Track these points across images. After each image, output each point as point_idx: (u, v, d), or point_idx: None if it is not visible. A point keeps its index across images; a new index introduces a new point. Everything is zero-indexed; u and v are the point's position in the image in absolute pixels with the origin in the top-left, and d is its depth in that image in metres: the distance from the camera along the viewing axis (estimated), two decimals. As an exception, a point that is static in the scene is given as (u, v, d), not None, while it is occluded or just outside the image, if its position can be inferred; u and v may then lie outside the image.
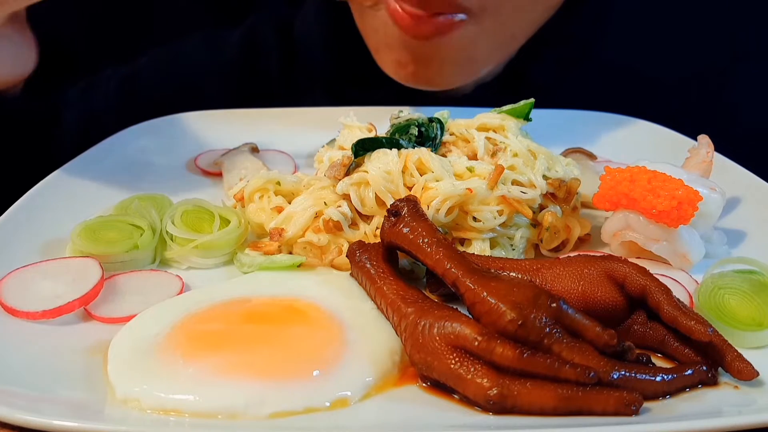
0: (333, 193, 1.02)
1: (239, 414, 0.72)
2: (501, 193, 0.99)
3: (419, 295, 0.84)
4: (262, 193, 1.08)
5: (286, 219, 1.02)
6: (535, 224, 1.02)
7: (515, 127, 1.09)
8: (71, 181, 1.15)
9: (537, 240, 1.02)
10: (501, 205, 0.99)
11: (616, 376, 0.73)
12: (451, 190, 0.97)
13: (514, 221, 1.01)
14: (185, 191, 1.16)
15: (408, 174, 1.00)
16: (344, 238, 0.99)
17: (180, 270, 0.99)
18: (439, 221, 0.97)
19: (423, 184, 0.98)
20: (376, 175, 0.99)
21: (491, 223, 0.98)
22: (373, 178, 0.99)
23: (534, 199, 1.01)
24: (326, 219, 0.99)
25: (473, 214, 0.98)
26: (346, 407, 0.74)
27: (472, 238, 0.99)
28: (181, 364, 0.77)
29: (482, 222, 0.98)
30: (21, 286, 0.89)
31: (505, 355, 0.72)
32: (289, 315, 0.86)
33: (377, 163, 1.00)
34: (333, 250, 0.98)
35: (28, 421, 0.69)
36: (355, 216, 1.01)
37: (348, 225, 1.00)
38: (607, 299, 0.83)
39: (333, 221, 0.99)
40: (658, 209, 0.94)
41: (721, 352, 0.78)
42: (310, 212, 1.01)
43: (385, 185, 0.99)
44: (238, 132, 1.33)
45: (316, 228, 1.00)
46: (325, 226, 0.99)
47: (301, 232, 1.00)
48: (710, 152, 1.11)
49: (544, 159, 1.06)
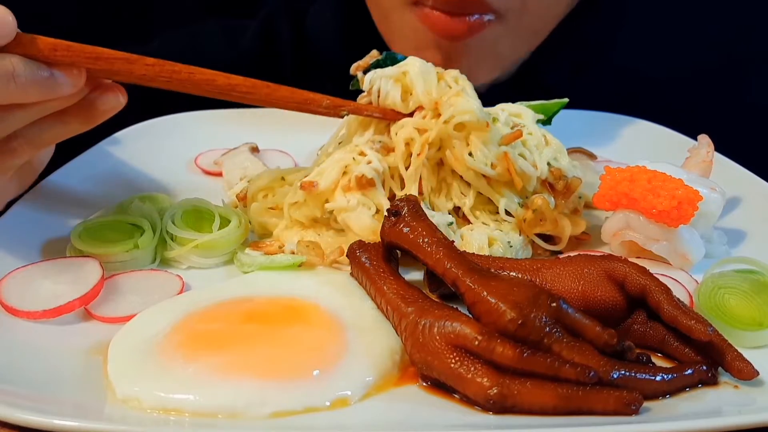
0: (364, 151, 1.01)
1: (239, 413, 0.72)
2: (506, 150, 0.99)
3: (419, 294, 0.84)
4: (267, 192, 1.08)
5: (319, 173, 1.01)
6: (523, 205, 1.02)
7: (532, 117, 1.10)
8: (71, 181, 1.15)
9: (521, 220, 1.01)
10: (500, 161, 0.99)
11: (616, 375, 0.73)
12: (479, 110, 0.98)
13: (500, 189, 1.01)
14: (185, 191, 1.16)
15: (443, 82, 1.00)
16: (375, 200, 0.98)
17: (180, 270, 0.99)
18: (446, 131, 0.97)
19: (457, 90, 0.99)
20: (417, 67, 0.99)
21: (481, 165, 0.98)
22: (412, 68, 0.99)
23: (530, 176, 1.01)
24: (358, 176, 0.98)
25: (472, 149, 0.98)
26: (346, 407, 0.74)
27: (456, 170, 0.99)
28: (182, 364, 0.77)
29: (474, 159, 0.98)
30: (21, 286, 0.89)
31: (506, 355, 0.72)
32: (289, 315, 0.86)
33: (416, 60, 1.01)
34: (334, 250, 0.98)
35: (28, 420, 0.69)
36: (386, 172, 1.00)
37: (381, 181, 0.99)
38: (607, 299, 0.83)
39: (366, 178, 0.98)
40: (658, 209, 0.94)
41: (721, 351, 0.78)
42: (341, 164, 1.00)
43: (424, 76, 0.99)
44: (238, 132, 1.33)
45: (346, 187, 0.98)
46: (357, 183, 0.98)
47: (333, 185, 0.99)
48: (710, 152, 1.11)
49: (554, 149, 1.06)
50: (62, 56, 0.85)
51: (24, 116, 0.86)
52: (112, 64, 0.88)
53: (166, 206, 1.08)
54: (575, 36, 1.41)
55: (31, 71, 0.83)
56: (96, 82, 0.90)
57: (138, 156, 1.27)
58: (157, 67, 0.91)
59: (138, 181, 1.19)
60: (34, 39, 0.84)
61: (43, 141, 0.90)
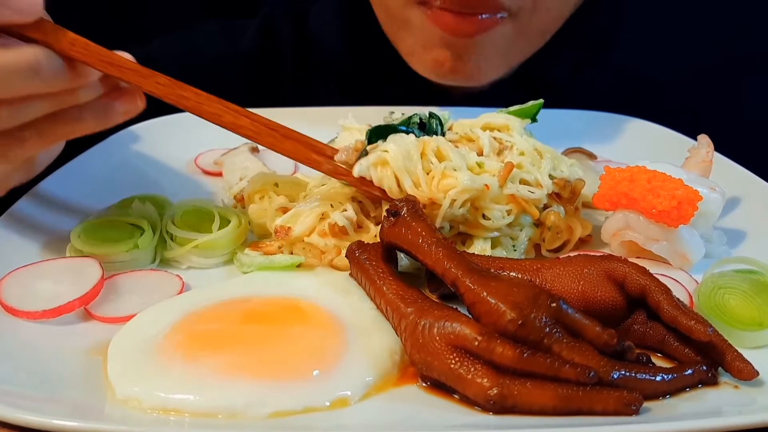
0: (340, 193, 1.01)
1: (239, 413, 0.72)
2: (510, 191, 0.98)
3: (419, 295, 0.84)
4: (263, 194, 1.08)
5: (294, 217, 1.01)
6: (537, 224, 1.02)
7: (520, 126, 1.09)
8: (71, 181, 1.15)
9: (539, 239, 1.02)
10: (510, 204, 0.99)
11: (616, 375, 0.73)
12: (470, 182, 0.95)
13: (519, 221, 1.00)
14: (185, 191, 1.16)
15: (426, 160, 0.98)
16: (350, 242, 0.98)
17: (180, 270, 0.99)
18: (453, 214, 0.96)
19: (441, 170, 0.96)
20: (396, 153, 0.96)
21: (500, 222, 0.98)
22: (393, 157, 0.96)
23: (540, 198, 1.00)
24: (332, 224, 0.98)
25: (484, 212, 0.98)
26: (346, 407, 0.74)
27: (477, 235, 0.98)
28: (181, 364, 0.77)
29: (491, 220, 0.97)
30: (21, 286, 0.89)
31: (505, 355, 0.72)
32: (288, 315, 0.86)
33: (396, 144, 0.98)
34: (333, 250, 0.98)
35: (28, 420, 0.69)
36: (360, 218, 1.00)
37: (353, 229, 0.99)
38: (607, 299, 0.83)
39: (338, 226, 0.98)
40: (658, 209, 0.94)
41: (721, 351, 0.78)
42: (317, 212, 1.00)
43: (405, 165, 0.96)
44: (238, 132, 1.33)
45: (322, 232, 0.99)
46: (330, 231, 0.98)
47: (307, 231, 0.99)
48: (710, 152, 1.11)
49: (550, 158, 1.05)
50: (78, 53, 0.84)
51: (40, 107, 0.85)
52: (124, 74, 0.88)
53: (166, 206, 1.08)
54: (576, 34, 1.41)
55: (55, 65, 0.83)
56: (114, 84, 0.89)
57: (138, 156, 1.28)
58: (167, 89, 0.90)
59: (138, 181, 1.19)
60: (57, 30, 0.84)
61: (55, 135, 0.89)
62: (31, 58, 0.81)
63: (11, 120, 0.84)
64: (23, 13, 0.81)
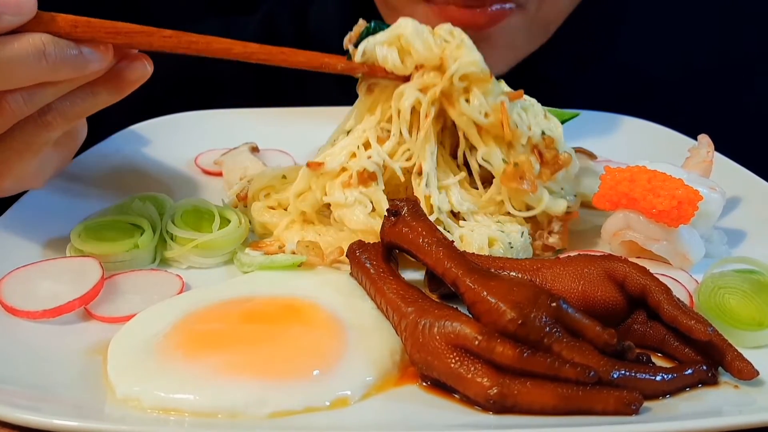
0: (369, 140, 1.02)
1: (239, 413, 0.72)
2: (503, 100, 0.99)
3: (419, 294, 0.84)
4: (269, 191, 1.08)
5: (325, 155, 1.02)
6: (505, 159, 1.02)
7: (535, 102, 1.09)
8: (71, 181, 1.15)
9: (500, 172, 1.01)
10: (494, 111, 0.99)
11: (616, 375, 0.73)
12: (482, 62, 0.98)
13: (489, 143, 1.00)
14: (185, 191, 1.16)
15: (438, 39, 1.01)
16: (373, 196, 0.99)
17: (180, 270, 0.99)
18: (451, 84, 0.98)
19: (456, 44, 0.99)
20: (410, 27, 0.99)
21: (475, 112, 0.98)
22: (406, 29, 0.98)
23: (521, 132, 1.01)
24: (360, 170, 0.98)
25: (470, 97, 0.99)
26: (346, 407, 0.74)
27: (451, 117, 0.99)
28: (181, 364, 0.77)
29: (469, 106, 0.98)
30: (21, 285, 0.89)
31: (506, 355, 0.72)
32: (289, 315, 0.86)
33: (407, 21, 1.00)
34: (334, 250, 0.98)
35: (28, 420, 0.69)
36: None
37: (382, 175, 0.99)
38: (607, 299, 0.83)
39: (368, 172, 0.98)
40: (658, 209, 0.94)
41: (721, 351, 0.78)
42: (349, 149, 1.01)
43: (417, 30, 0.99)
44: (238, 132, 1.33)
45: (345, 183, 0.99)
46: (359, 178, 0.98)
47: (339, 168, 1.00)
48: (710, 152, 1.11)
49: (552, 125, 1.06)
50: (83, 32, 0.85)
51: (55, 91, 0.87)
52: (132, 38, 0.89)
53: (166, 206, 1.08)
54: (577, 32, 1.41)
55: (61, 49, 0.84)
56: (122, 53, 0.90)
57: (138, 156, 1.28)
58: (175, 39, 0.92)
59: (138, 181, 1.19)
60: (54, 17, 0.84)
61: (75, 113, 0.91)
62: (37, 43, 0.82)
63: (29, 106, 0.86)
64: (23, 14, 0.82)
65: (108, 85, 0.90)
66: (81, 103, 0.90)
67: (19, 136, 0.90)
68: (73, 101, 0.89)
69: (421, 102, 1.00)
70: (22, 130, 0.89)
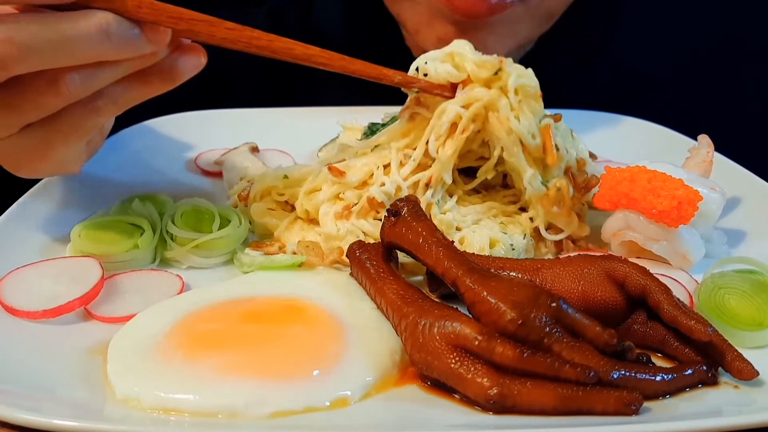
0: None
1: (239, 413, 0.72)
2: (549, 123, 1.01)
3: (419, 294, 0.84)
4: (271, 190, 1.08)
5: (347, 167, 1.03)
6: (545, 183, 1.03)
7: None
8: (71, 181, 1.15)
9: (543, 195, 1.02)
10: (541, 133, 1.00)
11: (616, 375, 0.73)
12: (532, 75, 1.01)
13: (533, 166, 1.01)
14: (185, 191, 1.16)
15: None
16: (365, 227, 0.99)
17: (180, 270, 0.99)
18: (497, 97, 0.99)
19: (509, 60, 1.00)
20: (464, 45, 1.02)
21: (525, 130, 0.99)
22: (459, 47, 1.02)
23: (563, 156, 1.02)
24: (371, 197, 0.99)
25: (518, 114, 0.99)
26: (346, 407, 0.74)
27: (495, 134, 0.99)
28: (181, 364, 0.77)
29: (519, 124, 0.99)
30: (21, 285, 0.89)
31: (506, 355, 0.72)
32: (289, 315, 0.86)
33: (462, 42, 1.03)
34: (334, 250, 0.98)
35: (28, 420, 0.69)
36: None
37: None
38: (607, 299, 0.83)
39: (377, 201, 0.99)
40: (658, 209, 0.94)
41: (721, 351, 0.78)
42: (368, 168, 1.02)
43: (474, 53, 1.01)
44: (238, 132, 1.33)
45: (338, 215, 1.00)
46: (370, 204, 0.99)
47: (358, 184, 1.01)
48: (710, 152, 1.11)
49: (581, 146, 1.08)
50: (146, 14, 0.84)
51: (111, 74, 0.86)
52: (194, 26, 0.88)
53: (166, 206, 1.08)
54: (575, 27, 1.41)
55: (124, 29, 0.82)
56: (176, 43, 0.89)
57: (138, 156, 1.27)
58: (237, 32, 0.90)
59: (138, 181, 1.19)
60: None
61: (126, 101, 0.90)
62: (102, 22, 0.81)
63: (84, 88, 0.85)
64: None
65: (161, 75, 0.89)
66: (132, 91, 0.89)
67: (68, 119, 0.88)
68: (126, 88, 0.88)
69: (461, 117, 0.99)
70: (72, 113, 0.87)
